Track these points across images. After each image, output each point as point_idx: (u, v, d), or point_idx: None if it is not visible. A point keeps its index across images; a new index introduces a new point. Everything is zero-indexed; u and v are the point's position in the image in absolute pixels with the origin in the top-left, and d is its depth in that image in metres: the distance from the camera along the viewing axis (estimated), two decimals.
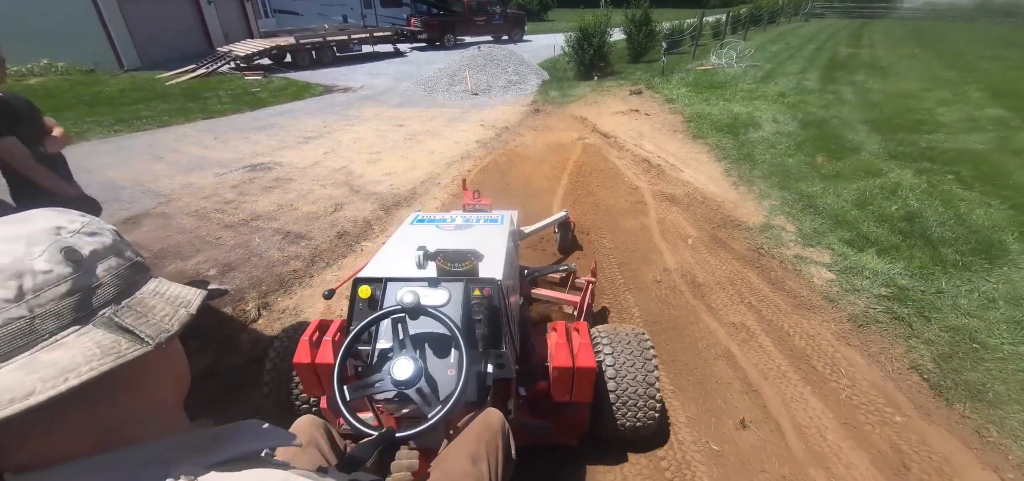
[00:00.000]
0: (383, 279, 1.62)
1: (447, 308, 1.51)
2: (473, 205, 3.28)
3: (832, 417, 2.21)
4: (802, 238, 3.68)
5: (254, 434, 0.60)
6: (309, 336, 1.63)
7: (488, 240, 2.01)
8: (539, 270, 2.71)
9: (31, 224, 0.47)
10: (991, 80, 10.40)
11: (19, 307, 0.41)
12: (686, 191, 4.70)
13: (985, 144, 5.64)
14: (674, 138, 6.43)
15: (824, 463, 2.01)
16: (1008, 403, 2.20)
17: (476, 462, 1.16)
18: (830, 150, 5.48)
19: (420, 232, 2.15)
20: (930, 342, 2.57)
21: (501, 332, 1.56)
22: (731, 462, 2.03)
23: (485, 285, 1.58)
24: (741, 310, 2.97)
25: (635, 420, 1.84)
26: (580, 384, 1.64)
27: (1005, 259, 3.23)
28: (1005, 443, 2.05)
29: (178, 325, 0.49)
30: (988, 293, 2.90)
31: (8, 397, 0.38)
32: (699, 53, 14.02)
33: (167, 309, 0.50)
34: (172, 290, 0.53)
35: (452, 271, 1.61)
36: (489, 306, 1.55)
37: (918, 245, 3.43)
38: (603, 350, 1.89)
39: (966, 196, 4.16)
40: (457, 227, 2.21)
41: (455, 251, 1.62)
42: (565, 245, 3.75)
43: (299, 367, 1.62)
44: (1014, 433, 2.08)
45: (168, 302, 0.51)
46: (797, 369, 2.49)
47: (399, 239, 2.08)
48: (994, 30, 24.72)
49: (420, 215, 2.40)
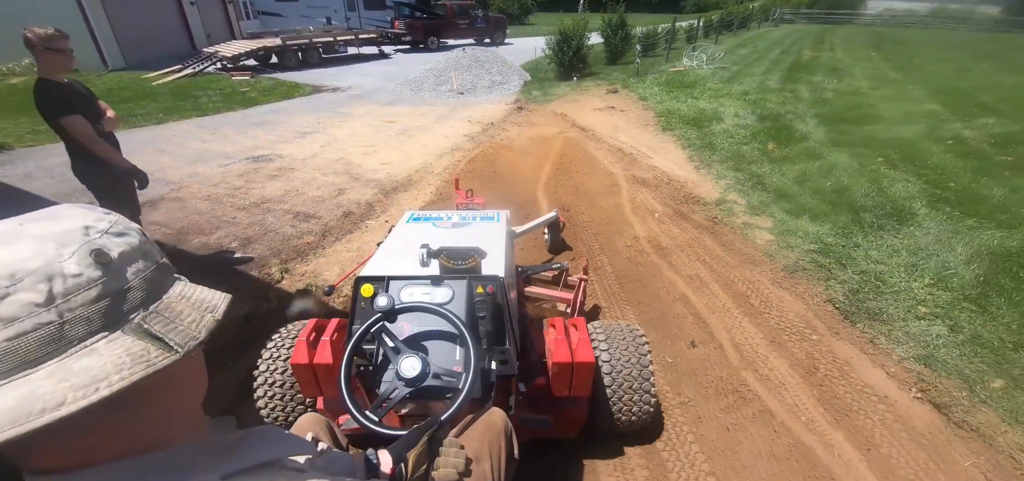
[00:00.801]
0: (385, 278, 1.62)
1: (451, 305, 1.51)
2: (466, 204, 3.28)
3: (762, 337, 2.78)
4: (750, 209, 4.29)
5: (274, 441, 0.60)
6: (306, 336, 1.61)
7: (488, 238, 2.03)
8: (532, 268, 2.75)
9: (60, 222, 0.46)
10: (933, 80, 11.41)
11: (49, 312, 0.40)
12: (655, 175, 5.29)
13: (915, 133, 6.42)
14: (646, 131, 7.05)
15: (754, 368, 2.56)
16: (896, 321, 2.81)
17: (479, 461, 1.15)
18: (781, 139, 6.17)
19: (417, 230, 2.16)
20: (844, 282, 3.18)
21: (504, 329, 1.58)
22: (682, 370, 2.56)
23: (488, 282, 1.59)
24: (696, 266, 3.54)
25: (631, 413, 1.88)
26: (579, 379, 1.66)
27: (912, 221, 3.90)
28: (891, 348, 2.64)
29: (206, 332, 0.49)
30: (894, 246, 3.54)
31: (40, 406, 0.37)
32: (672, 56, 14.82)
33: (194, 315, 0.49)
34: (198, 294, 0.52)
35: (456, 269, 1.62)
36: (493, 303, 1.56)
37: (844, 212, 4.09)
38: (600, 345, 1.91)
39: (889, 174, 4.86)
40: (454, 225, 2.22)
41: (459, 249, 1.64)
42: (555, 245, 3.77)
43: (297, 368, 1.59)
44: (898, 341, 2.67)
45: (195, 307, 0.50)
46: (738, 306, 3.06)
47: (397, 237, 2.09)
48: (946, 36, 26.49)
49: (415, 213, 2.40)
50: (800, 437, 2.14)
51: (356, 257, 3.73)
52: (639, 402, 1.87)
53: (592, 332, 1.95)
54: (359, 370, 1.46)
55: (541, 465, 1.97)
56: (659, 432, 2.19)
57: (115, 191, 2.93)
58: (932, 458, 2.04)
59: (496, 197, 4.78)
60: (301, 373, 1.60)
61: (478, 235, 2.09)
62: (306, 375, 1.60)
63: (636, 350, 1.90)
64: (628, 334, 1.96)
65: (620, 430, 1.95)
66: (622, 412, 1.87)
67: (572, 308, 2.52)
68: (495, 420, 1.29)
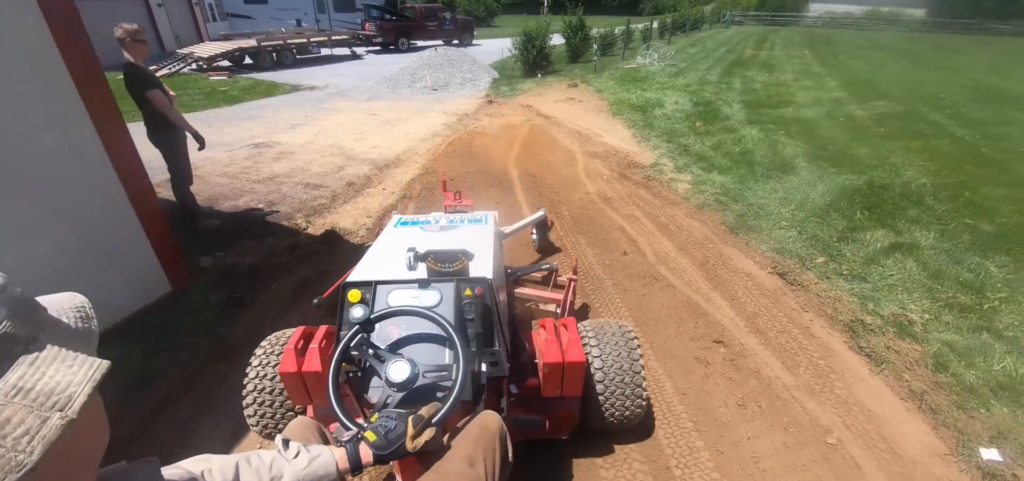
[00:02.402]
0: (372, 282, 1.62)
1: (439, 309, 1.51)
2: (454, 206, 3.32)
3: (673, 247, 3.86)
4: (675, 169, 5.45)
5: None
6: (294, 345, 1.59)
7: (476, 239, 2.04)
8: (522, 269, 2.77)
9: None
10: (848, 73, 13.17)
11: None
12: (604, 149, 6.39)
13: (816, 114, 7.82)
14: (599, 116, 8.18)
15: (665, 264, 3.63)
16: (764, 231, 3.96)
17: (473, 465, 1.16)
18: (707, 119, 7.43)
19: (405, 234, 2.16)
20: (735, 211, 4.33)
21: (494, 330, 1.58)
22: (616, 268, 3.60)
23: (476, 284, 1.59)
24: (632, 208, 4.61)
25: (623, 411, 1.89)
26: (570, 378, 1.66)
27: (793, 172, 5.14)
28: (758, 246, 3.77)
29: (41, 450, 0.36)
30: (775, 188, 4.75)
31: None
32: (627, 55, 16.18)
33: (29, 421, 0.37)
34: (45, 379, 0.39)
35: (443, 271, 1.61)
36: (481, 305, 1.56)
37: (744, 167, 5.30)
38: (590, 344, 1.93)
39: (786, 142, 6.16)
40: (442, 228, 2.21)
41: (446, 251, 1.63)
42: (543, 246, 3.78)
43: (285, 377, 1.57)
44: (764, 242, 3.81)
45: (33, 406, 0.38)
46: (659, 231, 4.14)
47: (384, 242, 2.10)
48: (876, 36, 29.24)
49: (403, 217, 2.40)
50: (690, 296, 3.22)
51: (363, 212, 4.61)
52: (631, 400, 1.88)
53: (582, 332, 1.97)
54: (348, 376, 1.46)
55: (532, 462, 1.98)
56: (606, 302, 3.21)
57: (178, 152, 3.76)
58: (771, 301, 3.15)
59: (473, 170, 5.74)
60: (290, 382, 1.58)
61: (466, 237, 2.10)
62: (295, 383, 1.58)
63: (627, 348, 1.92)
64: (618, 332, 1.97)
65: (612, 428, 1.97)
66: (614, 410, 1.89)
67: (562, 309, 2.54)
68: (489, 423, 1.30)
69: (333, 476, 1.04)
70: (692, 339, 2.81)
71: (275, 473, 0.95)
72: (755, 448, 2.13)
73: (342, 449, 1.09)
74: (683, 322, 2.97)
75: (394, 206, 4.76)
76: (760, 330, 2.88)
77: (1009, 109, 8.56)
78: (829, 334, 2.83)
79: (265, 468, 0.96)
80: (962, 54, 19.04)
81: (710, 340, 2.79)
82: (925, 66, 15.20)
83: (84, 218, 2.56)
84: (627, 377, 1.88)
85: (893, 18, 44.74)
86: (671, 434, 2.21)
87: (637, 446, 2.15)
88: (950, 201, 4.40)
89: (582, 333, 1.96)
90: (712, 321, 2.97)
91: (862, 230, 3.88)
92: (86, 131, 2.48)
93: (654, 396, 2.41)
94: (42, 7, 2.19)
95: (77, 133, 2.46)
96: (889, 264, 3.41)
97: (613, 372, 1.87)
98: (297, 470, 0.98)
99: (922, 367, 2.52)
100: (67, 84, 2.34)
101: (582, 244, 3.99)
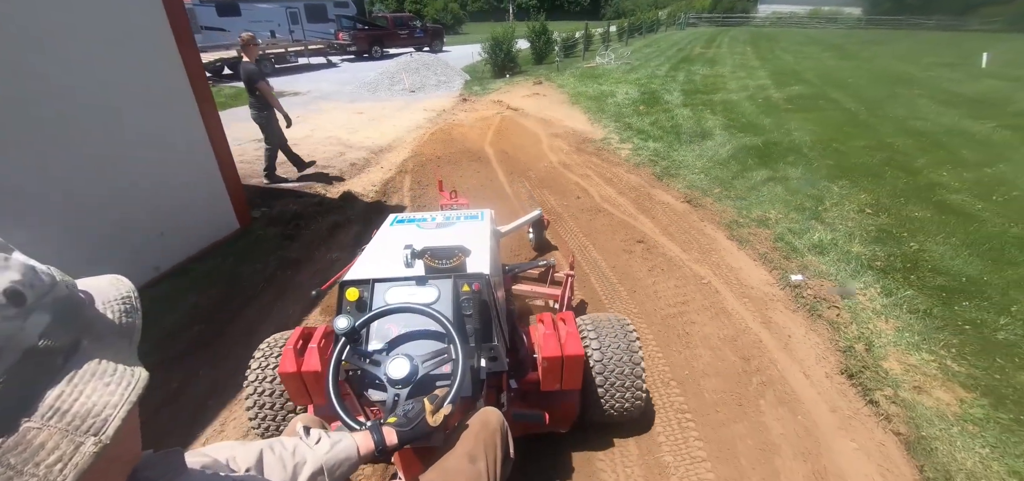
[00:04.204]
0: (370, 281, 1.63)
1: (437, 305, 1.51)
2: (450, 205, 3.35)
3: (615, 192, 5.09)
4: (620, 141, 6.74)
5: None
6: (293, 345, 1.60)
7: (472, 236, 2.05)
8: (519, 266, 2.80)
9: None
10: (779, 65, 14.96)
11: None
12: (564, 130, 7.63)
13: (740, 97, 9.33)
14: (561, 107, 9.45)
15: (608, 203, 4.84)
16: (682, 177, 5.25)
17: (475, 461, 1.17)
18: (649, 104, 8.82)
19: (401, 233, 2.17)
20: (662, 166, 5.62)
21: (492, 326, 1.59)
22: (572, 208, 4.78)
23: (474, 280, 1.59)
24: (586, 170, 5.84)
25: (622, 404, 1.91)
26: (569, 372, 1.67)
27: (710, 138, 6.51)
28: (677, 186, 5.05)
29: (73, 478, 0.37)
30: (694, 150, 6.10)
31: None
32: (587, 56, 17.65)
33: (63, 447, 0.38)
34: (83, 401, 0.40)
35: (440, 268, 1.62)
36: (479, 301, 1.56)
37: (673, 136, 6.64)
38: (589, 338, 1.93)
39: (709, 117, 7.57)
40: (438, 225, 2.22)
41: (443, 248, 1.64)
42: (540, 244, 3.87)
43: (285, 377, 1.58)
44: (680, 183, 5.09)
45: (68, 430, 0.38)
46: (605, 182, 5.37)
47: (381, 241, 2.11)
48: (816, 34, 31.82)
49: (399, 216, 2.40)
50: (624, 219, 4.43)
51: (369, 183, 5.66)
52: (630, 393, 1.90)
53: (581, 325, 1.98)
54: (348, 375, 1.46)
55: (534, 456, 2.00)
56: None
57: (273, 126, 4.88)
58: (679, 217, 4.39)
59: (455, 152, 6.84)
60: (290, 382, 1.59)
61: (462, 234, 2.12)
62: (295, 384, 1.59)
63: (625, 341, 1.93)
64: (617, 326, 1.99)
65: (612, 421, 1.99)
66: (613, 403, 1.91)
67: (560, 304, 2.58)
68: (490, 419, 1.31)
69: (353, 461, 1.04)
70: (622, 241, 4.02)
71: (298, 459, 0.94)
72: (656, 288, 3.34)
73: (365, 433, 1.10)
74: (617, 232, 4.18)
75: (393, 178, 5.82)
76: (669, 233, 4.12)
77: (899, 88, 10.34)
78: (714, 231, 4.10)
79: (288, 454, 0.95)
80: (882, 46, 21.49)
81: (634, 241, 4.01)
82: (847, 57, 17.27)
83: (190, 173, 3.58)
84: (626, 368, 1.90)
85: (833, 16, 48.02)
86: (603, 286, 3.39)
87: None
88: (821, 150, 5.83)
89: (581, 327, 1.98)
90: (637, 231, 4.19)
91: (750, 171, 5.24)
92: (193, 113, 3.51)
93: (592, 269, 3.60)
94: (169, 17, 3.21)
95: (187, 114, 3.48)
96: (763, 190, 4.75)
97: (612, 365, 1.89)
98: (319, 455, 0.97)
99: (768, 242, 3.80)
100: (183, 77, 3.36)
101: (547, 195, 5.16)
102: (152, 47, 3.20)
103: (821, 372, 2.56)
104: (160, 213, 3.37)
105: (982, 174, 5.07)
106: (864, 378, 2.45)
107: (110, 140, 3.07)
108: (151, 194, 3.32)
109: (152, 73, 3.21)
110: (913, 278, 3.24)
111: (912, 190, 4.68)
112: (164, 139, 3.35)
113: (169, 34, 3.23)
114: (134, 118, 3.18)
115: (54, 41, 2.71)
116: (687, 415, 2.32)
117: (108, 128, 3.06)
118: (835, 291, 3.15)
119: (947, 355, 2.57)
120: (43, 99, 2.69)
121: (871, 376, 2.45)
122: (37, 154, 2.69)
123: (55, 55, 2.73)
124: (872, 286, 3.17)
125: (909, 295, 3.05)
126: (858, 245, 3.67)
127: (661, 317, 3.05)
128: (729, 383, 2.50)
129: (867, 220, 4.06)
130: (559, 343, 1.66)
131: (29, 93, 2.63)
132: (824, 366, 2.60)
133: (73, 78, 2.83)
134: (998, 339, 2.66)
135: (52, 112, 2.75)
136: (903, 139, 6.38)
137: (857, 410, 2.33)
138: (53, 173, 2.77)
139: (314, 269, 3.66)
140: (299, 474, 0.92)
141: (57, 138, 2.79)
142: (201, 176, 3.68)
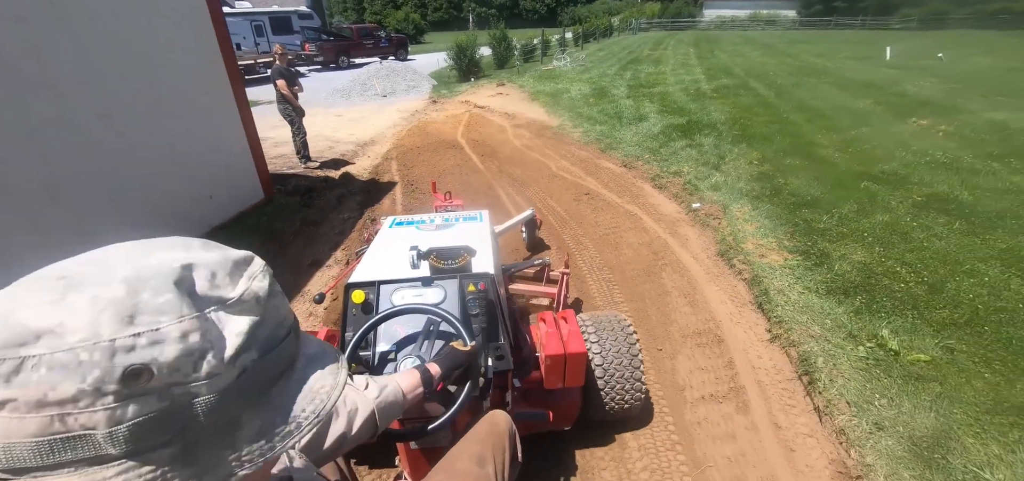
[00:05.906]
0: (376, 282, 1.65)
1: (444, 305, 1.53)
2: (445, 207, 3.38)
3: (569, 164, 6.26)
4: (573, 127, 7.99)
5: None
6: None
7: (473, 236, 2.09)
8: (515, 266, 2.84)
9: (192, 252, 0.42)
10: (714, 63, 16.77)
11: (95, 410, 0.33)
12: (526, 121, 8.82)
13: (675, 89, 10.83)
14: (522, 103, 10.65)
15: (563, 172, 6.00)
16: (621, 151, 6.49)
17: (483, 464, 1.17)
18: (599, 97, 10.17)
19: (402, 235, 2.17)
20: (606, 143, 6.87)
21: (498, 325, 1.60)
22: (533, 176, 5.92)
23: (480, 279, 1.62)
24: (545, 151, 7.00)
25: (623, 401, 1.95)
26: (572, 369, 1.70)
27: (645, 121, 7.85)
28: (616, 156, 6.29)
29: (337, 396, 0.48)
30: (633, 129, 7.40)
31: None
32: (546, 60, 19.04)
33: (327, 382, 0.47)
34: (313, 382, 0.48)
35: (446, 268, 1.64)
36: (485, 300, 1.58)
37: (616, 120, 7.95)
38: (589, 336, 1.97)
39: (647, 106, 8.95)
40: (437, 227, 2.23)
41: (449, 248, 1.69)
42: (532, 244, 3.92)
43: None
44: (619, 153, 6.33)
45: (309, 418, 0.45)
46: (561, 157, 6.54)
47: (381, 243, 2.12)
48: (755, 35, 34.57)
49: (397, 218, 2.42)
50: (574, 181, 5.59)
51: (362, 168, 6.61)
52: (630, 390, 1.94)
53: (581, 323, 2.00)
54: None
55: (536, 454, 2.04)
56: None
57: (297, 120, 5.75)
58: (618, 177, 5.61)
59: (431, 143, 7.87)
60: None
61: (463, 234, 2.14)
62: None
63: (625, 339, 1.97)
64: (616, 324, 2.02)
65: (612, 418, 2.02)
66: (614, 400, 1.94)
67: (556, 303, 2.60)
68: (498, 421, 1.31)
69: (400, 403, 1.06)
70: (573, 194, 5.18)
71: (350, 407, 0.96)
72: (597, 219, 4.51)
73: (409, 371, 1.12)
74: (569, 189, 5.35)
75: (381, 164, 6.79)
76: (608, 187, 5.32)
77: (809, 77, 12.15)
78: (642, 183, 5.34)
79: (341, 403, 0.96)
80: (807, 44, 24.04)
81: (582, 193, 5.18)
82: (775, 54, 19.41)
83: (229, 156, 4.48)
84: (626, 359, 1.94)
85: (771, 19, 51.59)
86: (558, 223, 4.53)
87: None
88: (731, 125, 7.26)
89: (581, 325, 2.00)
90: (584, 187, 5.37)
91: (673, 142, 6.56)
92: (231, 106, 4.42)
93: (548, 211, 4.73)
94: (215, 26, 4.13)
95: (227, 106, 4.39)
96: (682, 154, 6.06)
97: (613, 363, 1.93)
98: (369, 400, 0.99)
99: (680, 186, 5.07)
100: (224, 77, 4.29)
101: (514, 169, 6.28)
102: (197, 40, 4.10)
103: (704, 255, 3.79)
104: (210, 181, 4.29)
105: (847, 135, 6.59)
106: (729, 254, 3.69)
107: (172, 117, 3.95)
108: (200, 165, 4.21)
109: (201, 61, 4.13)
110: (775, 199, 4.56)
111: (792, 148, 6.11)
112: (210, 118, 4.26)
113: (212, 34, 4.16)
114: (188, 103, 4.08)
115: (138, 47, 3.61)
116: (614, 283, 3.48)
117: (170, 109, 3.94)
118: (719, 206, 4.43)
119: (784, 237, 3.85)
120: (123, 83, 3.59)
121: (733, 252, 3.69)
122: (118, 129, 3.53)
123: (135, 55, 3.63)
124: (746, 206, 4.45)
125: (768, 207, 4.36)
126: (743, 183, 4.99)
127: (599, 235, 4.21)
128: (643, 266, 3.68)
129: (752, 168, 5.41)
130: (562, 341, 1.71)
131: (121, 78, 3.53)
132: (707, 252, 3.84)
133: (152, 71, 3.79)
134: (818, 227, 3.97)
135: (132, 94, 3.66)
136: (798, 114, 7.92)
137: (723, 271, 3.56)
138: (131, 139, 3.63)
139: (330, 225, 4.62)
140: (354, 420, 0.95)
141: (137, 115, 3.68)
142: (237, 151, 4.60)
